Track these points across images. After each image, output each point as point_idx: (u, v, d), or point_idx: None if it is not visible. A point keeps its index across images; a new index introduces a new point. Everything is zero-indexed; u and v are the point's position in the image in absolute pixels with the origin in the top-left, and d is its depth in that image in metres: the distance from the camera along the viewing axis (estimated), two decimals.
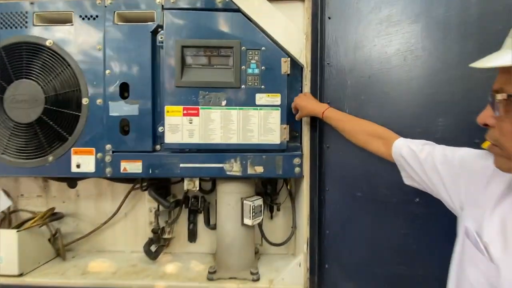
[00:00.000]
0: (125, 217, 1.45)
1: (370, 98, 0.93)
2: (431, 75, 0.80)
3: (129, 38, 1.11)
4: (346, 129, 0.89)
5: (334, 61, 1.02)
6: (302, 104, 1.03)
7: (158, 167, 1.12)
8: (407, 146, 0.72)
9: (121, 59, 1.11)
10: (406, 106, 0.85)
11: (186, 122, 1.10)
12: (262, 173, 1.12)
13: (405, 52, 0.85)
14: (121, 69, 1.11)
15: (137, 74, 1.11)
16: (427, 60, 0.81)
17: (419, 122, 0.82)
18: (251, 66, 1.11)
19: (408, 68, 0.84)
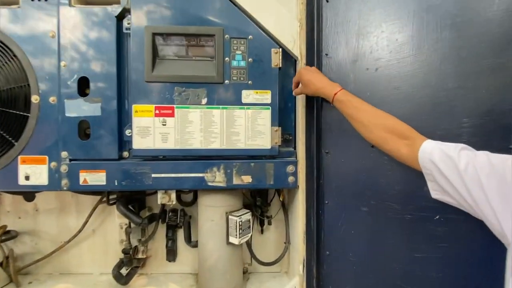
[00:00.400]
0: (92, 234, 1.25)
1: (377, 95, 0.78)
2: (454, 66, 0.66)
3: (90, 24, 0.93)
4: (362, 120, 0.69)
5: (333, 52, 0.87)
6: (308, 79, 0.82)
7: (126, 178, 0.93)
8: (440, 150, 0.56)
9: (79, 48, 0.92)
10: (422, 104, 0.70)
11: (159, 124, 0.92)
12: (250, 183, 0.96)
13: (420, 40, 0.70)
14: (80, 60, 0.92)
15: (100, 66, 0.92)
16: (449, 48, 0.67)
17: (439, 123, 0.68)
18: (236, 58, 0.94)
19: (425, 58, 0.70)
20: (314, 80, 0.80)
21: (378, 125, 0.67)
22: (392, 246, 0.76)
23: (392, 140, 0.64)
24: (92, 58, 0.92)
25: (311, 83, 0.80)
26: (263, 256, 1.19)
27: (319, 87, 0.78)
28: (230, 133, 0.94)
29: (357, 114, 0.71)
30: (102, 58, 0.92)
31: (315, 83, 0.79)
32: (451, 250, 0.69)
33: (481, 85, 0.64)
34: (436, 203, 0.69)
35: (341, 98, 0.74)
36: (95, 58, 0.92)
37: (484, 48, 0.65)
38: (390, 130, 0.65)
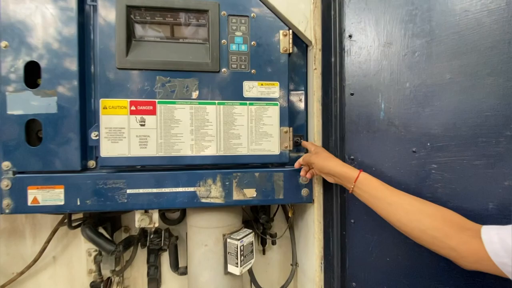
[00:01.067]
0: (53, 263, 1.01)
1: (420, 85, 0.61)
2: None
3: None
4: (399, 208, 0.54)
5: (359, 32, 0.69)
6: (327, 156, 0.68)
7: (92, 195, 0.71)
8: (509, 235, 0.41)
9: (27, 25, 0.69)
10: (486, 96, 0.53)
11: (136, 124, 0.71)
12: (255, 198, 0.76)
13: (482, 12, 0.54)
14: (28, 40, 0.69)
15: (56, 49, 0.70)
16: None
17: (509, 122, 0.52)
18: (236, 41, 0.75)
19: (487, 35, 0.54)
20: (334, 160, 0.65)
21: (425, 212, 0.51)
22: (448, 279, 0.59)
23: (453, 233, 0.47)
24: (44, 38, 0.69)
25: (329, 160, 0.65)
26: (265, 282, 0.99)
27: (340, 170, 0.62)
28: (229, 135, 0.74)
29: (390, 197, 0.55)
30: (59, 38, 0.70)
31: (331, 166, 0.64)
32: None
33: None
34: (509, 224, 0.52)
35: (365, 181, 0.58)
36: (49, 38, 0.70)
37: None
38: (446, 219, 0.49)
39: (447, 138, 0.58)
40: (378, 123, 0.67)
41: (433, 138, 0.60)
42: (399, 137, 0.64)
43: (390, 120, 0.65)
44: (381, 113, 0.66)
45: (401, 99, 0.64)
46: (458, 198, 0.57)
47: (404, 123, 0.64)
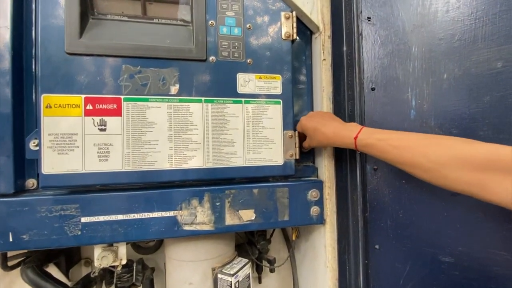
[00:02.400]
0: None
1: (461, 77, 0.49)
2: None
3: None
4: (419, 161, 0.42)
5: (380, 13, 0.57)
6: (312, 126, 0.57)
7: (31, 228, 0.51)
8: None
9: None
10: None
11: (93, 129, 0.52)
12: (254, 221, 0.60)
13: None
14: None
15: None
16: None
17: None
18: (227, 22, 0.59)
19: None
20: (322, 127, 0.55)
21: (454, 161, 0.39)
22: None
23: (494, 180, 0.35)
24: None
25: (319, 134, 0.55)
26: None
27: (330, 135, 0.53)
28: (220, 142, 0.58)
29: (404, 154, 0.43)
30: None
31: (323, 131, 0.54)
32: None
33: None
34: None
35: (367, 141, 0.48)
36: None
37: None
38: (483, 165, 0.37)
39: (498, 141, 0.46)
40: (408, 123, 0.53)
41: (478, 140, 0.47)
42: None
43: (423, 120, 0.52)
44: (412, 111, 0.53)
45: (437, 94, 0.51)
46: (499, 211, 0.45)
47: (442, 123, 0.51)
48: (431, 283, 0.52)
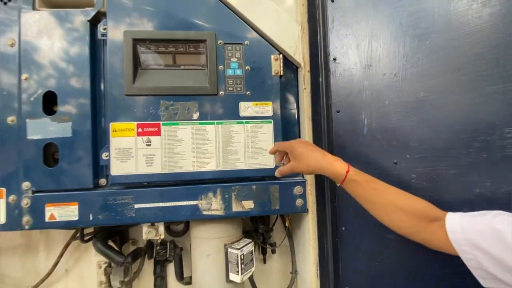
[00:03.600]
0: (66, 276, 1.06)
1: (398, 103, 0.68)
2: (491, 66, 0.56)
3: (57, 30, 0.79)
4: (384, 205, 0.58)
5: (342, 56, 0.77)
6: (303, 152, 0.65)
7: (103, 210, 0.77)
8: (472, 222, 0.47)
9: (44, 58, 0.78)
10: (456, 112, 0.60)
11: (142, 145, 0.78)
12: (253, 209, 0.82)
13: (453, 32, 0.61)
14: (45, 72, 0.78)
15: (70, 79, 0.78)
16: (483, 44, 0.57)
17: (477, 134, 0.57)
18: (232, 66, 0.82)
19: (454, 57, 0.61)
20: (314, 155, 0.63)
21: (403, 210, 0.55)
22: (428, 281, 0.64)
23: (424, 226, 0.53)
24: (60, 70, 0.78)
25: (309, 158, 0.63)
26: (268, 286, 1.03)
27: (323, 163, 0.62)
28: (227, 151, 0.81)
29: (377, 197, 0.58)
30: (73, 69, 0.78)
31: (316, 158, 0.62)
32: None
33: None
34: None
35: (356, 178, 0.59)
36: (64, 69, 0.78)
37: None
38: (418, 214, 0.54)
39: (424, 151, 0.65)
40: (362, 137, 0.73)
41: (412, 151, 0.66)
42: (381, 150, 0.70)
43: (372, 135, 0.72)
44: (365, 128, 0.73)
45: (381, 115, 0.71)
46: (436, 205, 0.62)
47: (385, 137, 0.70)
48: (379, 253, 0.70)
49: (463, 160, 0.60)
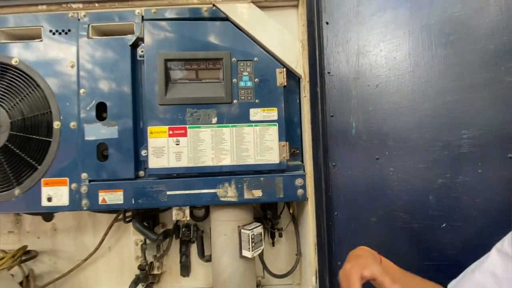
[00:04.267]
0: (108, 252, 1.29)
1: (379, 110, 0.82)
2: (450, 81, 0.70)
3: (106, 53, 1.00)
4: None
5: (335, 69, 0.92)
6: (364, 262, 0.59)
7: (142, 196, 0.98)
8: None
9: (97, 76, 0.99)
10: (423, 117, 0.74)
11: (173, 144, 0.97)
12: (261, 197, 0.99)
13: (417, 57, 0.75)
14: (98, 87, 0.99)
15: (116, 92, 0.99)
16: (445, 64, 0.71)
17: (440, 135, 0.71)
18: (243, 79, 1.00)
19: (422, 74, 0.74)
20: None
21: None
22: (402, 255, 0.79)
23: None
24: (109, 85, 0.99)
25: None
26: (275, 269, 1.20)
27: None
28: (240, 149, 0.99)
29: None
30: (118, 84, 0.99)
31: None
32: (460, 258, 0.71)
33: (477, 98, 0.68)
34: (443, 211, 0.71)
35: None
36: (112, 84, 0.99)
37: (478, 64, 0.69)
38: None
39: (398, 148, 0.79)
40: (351, 137, 0.88)
41: (389, 148, 0.81)
42: (366, 148, 0.85)
43: (359, 135, 0.87)
44: (353, 130, 0.88)
45: (366, 119, 0.85)
46: (408, 192, 0.77)
47: (369, 137, 0.85)
48: (365, 233, 0.85)
49: (429, 156, 0.74)
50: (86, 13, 1.01)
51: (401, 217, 0.78)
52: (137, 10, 1.01)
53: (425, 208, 0.73)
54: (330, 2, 0.93)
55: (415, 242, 0.77)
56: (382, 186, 0.81)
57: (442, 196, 0.71)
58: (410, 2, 0.78)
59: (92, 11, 1.02)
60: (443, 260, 0.71)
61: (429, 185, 0.72)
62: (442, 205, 0.71)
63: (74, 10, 1.02)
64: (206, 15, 1.02)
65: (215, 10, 1.01)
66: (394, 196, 0.78)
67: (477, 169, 0.67)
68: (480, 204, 0.67)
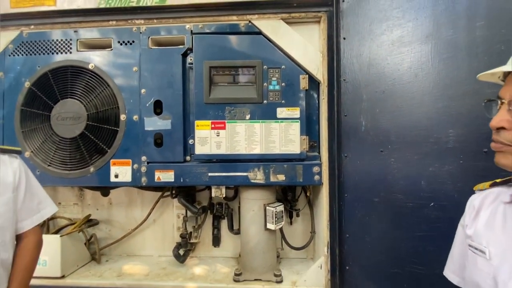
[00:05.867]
0: (153, 223, 1.56)
1: (384, 111, 1.01)
2: (441, 90, 0.88)
3: (162, 60, 1.24)
4: None
5: (349, 77, 1.12)
6: None
7: (189, 176, 1.22)
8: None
9: (155, 79, 1.24)
10: (419, 119, 0.93)
11: (214, 135, 1.21)
12: (284, 180, 1.21)
13: (417, 70, 0.94)
14: (155, 88, 1.23)
15: (170, 92, 1.23)
16: (438, 77, 0.90)
17: (432, 133, 0.90)
18: (272, 83, 1.21)
19: (420, 84, 0.93)
20: None
21: None
22: (398, 228, 0.98)
23: None
24: (164, 86, 1.23)
25: None
26: (292, 244, 1.43)
27: None
28: (268, 141, 1.21)
29: None
30: (172, 85, 1.23)
31: None
32: (444, 229, 0.89)
33: (462, 105, 0.86)
34: (432, 193, 0.91)
35: None
36: (166, 86, 1.23)
37: (463, 78, 0.87)
38: None
39: (399, 143, 0.98)
40: (361, 133, 1.08)
41: (391, 143, 1.00)
42: (372, 142, 1.05)
43: (367, 132, 1.07)
44: (362, 127, 1.08)
45: (374, 119, 1.05)
46: (405, 178, 0.97)
47: (375, 134, 1.05)
48: (369, 211, 1.06)
49: (422, 149, 0.93)
50: (147, 28, 1.25)
51: (398, 197, 0.98)
52: (187, 25, 1.24)
53: (418, 190, 0.92)
54: (347, 21, 1.13)
55: (409, 217, 0.97)
56: (384, 173, 1.00)
57: (431, 181, 0.90)
58: (412, 25, 0.96)
59: (151, 26, 1.26)
60: (430, 231, 0.90)
61: (422, 173, 0.91)
62: (431, 188, 0.90)
63: (137, 25, 1.26)
64: (243, 30, 1.23)
65: (250, 26, 1.23)
66: (394, 181, 0.97)
67: (459, 160, 0.85)
68: (460, 187, 0.86)
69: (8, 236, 0.75)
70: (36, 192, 0.85)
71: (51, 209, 0.89)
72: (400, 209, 0.98)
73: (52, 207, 0.90)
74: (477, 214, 0.64)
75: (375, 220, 1.05)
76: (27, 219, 0.81)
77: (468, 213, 0.66)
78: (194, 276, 1.33)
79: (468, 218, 0.66)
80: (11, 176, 0.77)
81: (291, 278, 1.28)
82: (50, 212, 0.89)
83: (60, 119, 1.26)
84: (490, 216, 0.60)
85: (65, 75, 1.27)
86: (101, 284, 1.28)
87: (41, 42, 1.28)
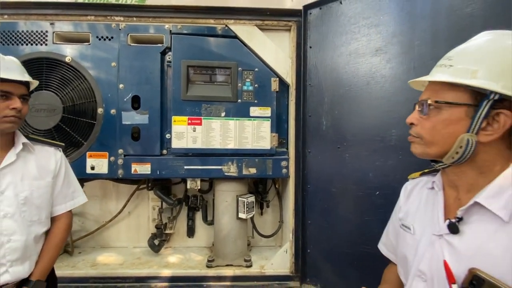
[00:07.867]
0: (128, 216, 1.59)
1: (342, 113, 1.17)
2: (387, 96, 1.05)
3: (141, 57, 1.29)
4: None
5: (314, 82, 1.26)
6: None
7: (165, 169, 1.29)
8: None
9: (133, 75, 1.29)
10: (369, 120, 1.09)
11: (190, 130, 1.29)
12: (255, 173, 1.33)
13: (368, 78, 1.09)
14: (133, 83, 1.29)
15: (148, 88, 1.29)
16: (385, 85, 1.06)
17: (379, 133, 1.06)
18: (246, 84, 1.32)
19: (370, 90, 1.09)
20: None
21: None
22: (351, 213, 1.14)
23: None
24: (142, 82, 1.29)
25: None
26: (262, 233, 1.55)
27: None
28: (241, 137, 1.32)
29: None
30: (150, 82, 1.29)
31: None
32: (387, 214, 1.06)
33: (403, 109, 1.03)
34: (378, 184, 1.07)
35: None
36: (145, 82, 1.29)
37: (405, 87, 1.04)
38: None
39: (352, 141, 1.14)
40: (322, 132, 1.23)
41: (347, 141, 1.16)
42: (332, 140, 1.20)
43: (327, 130, 1.21)
44: (323, 127, 1.23)
45: (333, 119, 1.20)
46: (357, 171, 1.12)
47: (334, 132, 1.20)
48: (327, 200, 1.21)
49: (370, 147, 1.10)
50: (126, 25, 1.30)
51: (351, 187, 1.13)
52: (166, 25, 1.31)
53: (367, 181, 1.08)
54: (314, 32, 1.27)
55: (360, 204, 1.13)
56: (340, 167, 1.16)
57: (378, 173, 1.06)
58: (366, 39, 1.11)
59: (131, 23, 1.31)
60: (375, 215, 1.07)
61: (370, 166, 1.08)
62: (377, 179, 1.07)
63: (116, 21, 1.30)
64: (220, 33, 1.33)
65: (227, 30, 1.33)
66: (348, 173, 1.13)
67: (399, 156, 1.02)
68: (399, 178, 1.03)
69: (44, 215, 0.84)
70: (72, 182, 0.94)
71: (83, 199, 0.98)
72: (352, 197, 1.13)
73: (84, 197, 0.98)
74: (408, 197, 0.78)
75: (333, 207, 1.20)
76: (62, 204, 0.89)
77: (402, 196, 0.81)
78: (168, 264, 1.40)
79: (402, 201, 0.81)
80: (53, 165, 0.87)
81: (260, 263, 1.41)
82: (82, 201, 0.97)
83: (34, 110, 1.26)
84: (417, 199, 0.75)
85: (40, 67, 1.28)
86: (74, 274, 1.30)
87: (15, 32, 1.27)
